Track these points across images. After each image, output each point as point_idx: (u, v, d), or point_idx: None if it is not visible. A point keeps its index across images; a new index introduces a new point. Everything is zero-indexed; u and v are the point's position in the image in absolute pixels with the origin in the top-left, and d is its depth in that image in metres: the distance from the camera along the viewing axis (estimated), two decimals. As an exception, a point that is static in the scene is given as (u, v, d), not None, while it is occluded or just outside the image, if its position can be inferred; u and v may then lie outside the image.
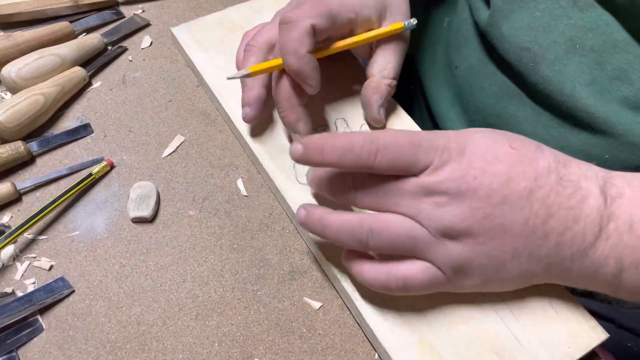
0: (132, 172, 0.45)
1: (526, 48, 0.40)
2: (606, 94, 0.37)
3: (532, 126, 0.42)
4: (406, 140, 0.30)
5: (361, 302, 0.36)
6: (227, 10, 0.55)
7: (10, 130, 0.44)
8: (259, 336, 0.37)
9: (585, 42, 0.37)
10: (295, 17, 0.37)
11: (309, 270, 0.40)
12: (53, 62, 0.48)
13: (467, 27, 0.48)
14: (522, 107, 0.42)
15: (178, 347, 0.36)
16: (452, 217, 0.30)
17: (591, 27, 0.37)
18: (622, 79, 0.36)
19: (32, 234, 0.41)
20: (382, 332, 0.35)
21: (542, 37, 0.39)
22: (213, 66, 0.50)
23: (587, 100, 0.37)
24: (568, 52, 0.38)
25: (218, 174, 0.45)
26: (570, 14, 0.38)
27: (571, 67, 0.38)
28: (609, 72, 0.37)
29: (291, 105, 0.39)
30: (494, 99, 0.45)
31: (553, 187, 0.30)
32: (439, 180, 0.30)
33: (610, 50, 0.36)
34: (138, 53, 0.54)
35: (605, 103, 0.37)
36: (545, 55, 0.39)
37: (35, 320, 0.37)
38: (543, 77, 0.39)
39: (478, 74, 0.46)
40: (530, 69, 0.40)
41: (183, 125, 0.48)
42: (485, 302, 0.36)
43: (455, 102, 0.51)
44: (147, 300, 0.38)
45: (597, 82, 0.37)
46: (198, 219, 0.42)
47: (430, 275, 0.31)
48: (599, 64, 0.37)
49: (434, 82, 0.54)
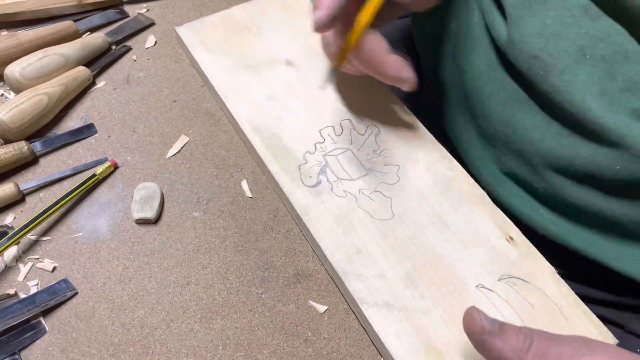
0: (136, 173, 0.45)
1: (536, 56, 0.39)
2: (616, 105, 0.37)
3: (541, 134, 0.41)
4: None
5: (367, 307, 0.36)
6: (232, 10, 0.54)
7: (13, 131, 0.44)
8: (264, 340, 0.37)
9: (596, 51, 0.37)
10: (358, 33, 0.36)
11: (314, 273, 0.40)
12: (57, 62, 0.48)
13: (476, 32, 0.47)
14: (531, 115, 0.42)
15: (182, 351, 0.36)
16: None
17: (602, 36, 0.36)
18: (633, 90, 0.36)
19: (35, 235, 0.41)
20: (389, 338, 0.35)
21: (552, 45, 0.38)
22: (218, 66, 0.49)
23: (597, 112, 0.37)
24: (578, 62, 0.37)
25: (222, 175, 0.45)
26: (581, 23, 0.37)
27: (581, 77, 0.38)
28: (620, 83, 0.36)
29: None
30: (502, 105, 0.44)
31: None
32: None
33: (621, 60, 0.36)
34: (142, 52, 0.54)
35: (615, 114, 0.37)
36: (555, 64, 0.38)
37: (38, 323, 0.37)
38: (553, 86, 0.39)
39: (486, 79, 0.45)
40: (540, 78, 0.39)
41: (187, 125, 0.48)
42: (494, 309, 0.36)
43: (463, 107, 0.50)
44: (150, 303, 0.38)
45: (607, 93, 0.37)
46: (202, 221, 0.42)
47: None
48: (609, 74, 0.37)
49: (441, 86, 0.53)
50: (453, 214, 0.41)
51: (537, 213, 0.45)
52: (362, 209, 0.41)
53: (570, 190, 0.41)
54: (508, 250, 0.39)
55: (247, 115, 0.46)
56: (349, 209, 0.40)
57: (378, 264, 0.38)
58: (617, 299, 0.46)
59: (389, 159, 0.44)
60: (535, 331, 0.30)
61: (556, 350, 0.29)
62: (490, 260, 0.38)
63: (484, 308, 0.35)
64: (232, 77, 0.48)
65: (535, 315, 0.35)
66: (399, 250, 0.38)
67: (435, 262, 0.38)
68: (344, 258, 0.38)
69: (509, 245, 0.39)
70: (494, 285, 0.37)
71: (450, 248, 0.39)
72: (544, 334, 0.30)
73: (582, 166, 0.39)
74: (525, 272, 0.38)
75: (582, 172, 0.40)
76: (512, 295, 0.36)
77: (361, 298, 0.36)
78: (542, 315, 0.35)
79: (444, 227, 0.40)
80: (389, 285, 0.37)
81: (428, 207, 0.41)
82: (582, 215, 0.42)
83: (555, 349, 0.29)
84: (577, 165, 0.39)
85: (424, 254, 0.38)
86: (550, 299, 0.36)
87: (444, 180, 0.42)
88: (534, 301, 0.36)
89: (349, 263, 0.38)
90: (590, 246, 0.42)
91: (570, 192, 0.42)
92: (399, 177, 0.43)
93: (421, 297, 0.36)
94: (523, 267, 0.38)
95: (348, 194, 0.41)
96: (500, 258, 0.38)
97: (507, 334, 0.29)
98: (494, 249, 0.39)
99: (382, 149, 0.44)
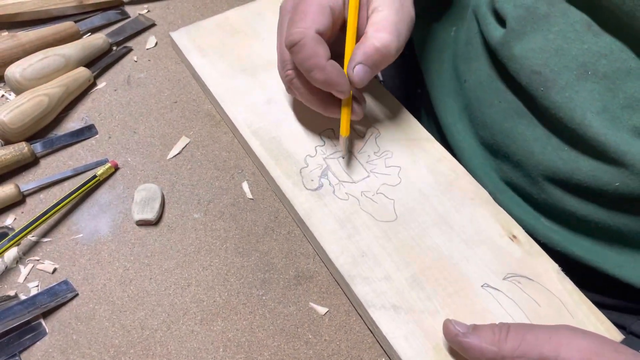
0: (137, 174, 0.45)
1: (537, 72, 0.39)
2: (617, 122, 0.36)
3: (541, 147, 0.41)
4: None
5: (374, 310, 0.36)
6: (227, 14, 0.54)
7: (14, 132, 0.44)
8: (264, 342, 0.37)
9: (598, 68, 0.36)
10: (298, 34, 0.36)
11: (314, 275, 0.40)
12: (57, 63, 0.48)
13: (476, 42, 0.47)
14: (532, 128, 0.42)
15: (182, 352, 0.36)
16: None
17: (604, 52, 0.36)
18: (635, 107, 0.36)
19: (36, 237, 0.41)
20: (397, 340, 0.34)
21: (554, 61, 0.38)
22: (214, 71, 0.49)
23: (598, 129, 0.37)
24: (580, 78, 0.37)
25: (223, 176, 0.45)
26: (584, 39, 0.37)
27: (582, 94, 0.37)
28: (621, 100, 0.36)
29: (330, 105, 0.40)
30: (502, 116, 0.44)
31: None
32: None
33: (623, 77, 0.36)
34: (143, 53, 0.54)
35: (616, 132, 0.36)
36: (556, 80, 0.38)
37: (39, 324, 0.37)
38: (553, 102, 0.38)
39: (487, 89, 0.45)
40: (540, 94, 0.39)
41: (188, 126, 0.48)
42: (500, 308, 0.36)
43: (463, 115, 0.50)
44: (151, 305, 0.38)
45: (608, 110, 0.37)
46: (203, 222, 0.42)
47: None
48: (611, 91, 0.36)
49: (441, 93, 0.53)
50: (456, 213, 0.40)
51: (537, 222, 0.45)
52: (365, 211, 0.40)
53: (570, 202, 0.41)
54: (512, 249, 0.39)
55: (246, 120, 0.46)
56: (352, 211, 0.40)
57: (383, 266, 0.38)
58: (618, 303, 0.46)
59: (390, 161, 0.44)
60: (512, 323, 0.31)
61: (533, 336, 0.30)
62: (495, 259, 0.38)
63: (490, 307, 0.36)
64: (229, 81, 0.48)
65: (541, 313, 0.36)
66: (404, 252, 0.38)
67: (440, 262, 0.38)
68: (349, 261, 0.38)
69: (512, 243, 0.39)
70: (499, 284, 0.37)
71: (455, 248, 0.39)
72: (521, 324, 0.32)
73: (582, 180, 0.39)
74: (530, 270, 0.38)
75: (582, 186, 0.39)
76: (518, 294, 0.36)
77: (368, 301, 0.36)
78: (548, 313, 0.36)
79: (447, 228, 0.40)
80: (395, 288, 0.37)
81: (431, 208, 0.41)
82: (583, 225, 0.42)
83: (532, 334, 0.30)
84: (576, 179, 0.39)
85: (429, 255, 0.38)
86: (556, 296, 0.36)
87: (445, 180, 0.42)
88: (539, 299, 0.36)
89: (354, 266, 0.38)
90: (591, 255, 0.42)
91: (570, 204, 0.41)
92: (401, 178, 0.42)
93: (428, 299, 0.36)
94: (527, 266, 0.38)
95: (350, 196, 0.41)
96: (505, 257, 0.38)
97: (481, 331, 0.32)
98: (498, 248, 0.39)
99: (382, 150, 0.44)
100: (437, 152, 0.44)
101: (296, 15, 0.37)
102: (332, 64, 0.37)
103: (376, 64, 0.38)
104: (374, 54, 0.37)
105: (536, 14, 0.39)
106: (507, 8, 0.41)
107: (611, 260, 0.42)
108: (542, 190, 0.43)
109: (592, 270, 0.42)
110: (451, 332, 0.32)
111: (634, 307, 0.46)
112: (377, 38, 0.37)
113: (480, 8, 0.46)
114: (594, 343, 0.29)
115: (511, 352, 0.30)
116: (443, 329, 0.34)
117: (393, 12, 0.38)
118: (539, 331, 0.30)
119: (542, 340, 0.30)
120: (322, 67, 0.36)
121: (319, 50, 0.36)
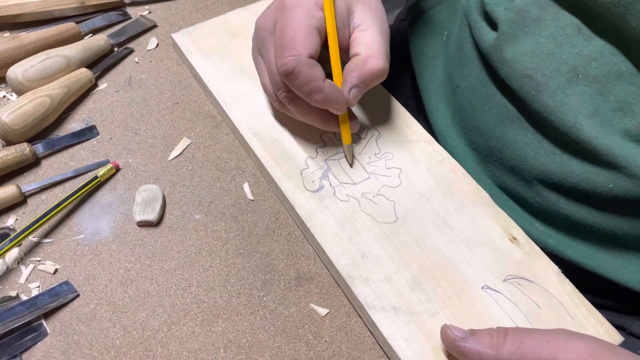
0: (138, 175, 0.45)
1: (528, 75, 0.39)
2: (608, 125, 0.37)
3: (533, 151, 0.41)
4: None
5: (375, 312, 0.36)
6: (228, 15, 0.54)
7: (15, 132, 0.44)
8: (265, 343, 0.37)
9: (589, 71, 0.36)
10: (292, 62, 0.36)
11: (315, 276, 0.40)
12: (59, 64, 0.48)
13: (468, 47, 0.47)
14: (523, 132, 0.42)
15: (183, 353, 0.36)
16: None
17: (595, 56, 0.36)
18: (625, 110, 0.36)
19: (37, 237, 0.41)
20: (397, 342, 0.35)
21: (545, 65, 0.38)
22: (216, 72, 0.49)
23: (589, 132, 0.37)
24: (571, 82, 0.37)
25: (224, 177, 0.45)
26: (575, 42, 0.37)
27: (573, 97, 0.37)
28: (612, 103, 0.36)
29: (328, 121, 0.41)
30: (494, 121, 0.44)
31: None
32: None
33: (614, 80, 0.36)
34: (144, 54, 0.54)
35: (607, 135, 0.37)
36: (547, 83, 0.38)
37: (40, 325, 0.37)
38: (544, 106, 0.38)
39: (479, 95, 0.45)
40: (531, 97, 0.39)
41: (189, 127, 0.48)
42: (500, 310, 0.36)
43: (455, 120, 0.50)
44: (152, 305, 0.38)
45: (599, 114, 0.37)
46: (204, 223, 0.42)
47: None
48: (602, 94, 0.36)
49: (434, 98, 0.53)
50: (456, 215, 0.40)
51: (532, 227, 0.45)
52: (366, 212, 0.40)
53: (565, 205, 0.41)
54: (512, 251, 0.39)
55: (247, 121, 0.46)
56: (353, 213, 0.40)
57: (384, 267, 0.38)
58: (616, 305, 0.46)
59: (391, 162, 0.44)
60: (510, 327, 0.32)
61: (531, 339, 0.30)
62: (495, 261, 0.38)
63: (490, 309, 0.36)
64: (230, 82, 0.48)
65: (541, 315, 0.36)
66: (404, 254, 0.38)
67: (441, 264, 0.38)
68: (350, 263, 0.38)
69: (512, 245, 0.39)
70: (499, 286, 0.37)
71: (455, 250, 0.39)
72: (519, 328, 0.32)
73: (576, 183, 0.39)
74: (530, 272, 0.38)
75: (575, 188, 0.40)
76: (518, 296, 0.37)
77: (368, 303, 0.36)
78: (548, 315, 0.36)
79: (447, 229, 0.40)
80: (395, 289, 0.37)
81: (431, 209, 0.41)
82: (578, 228, 0.42)
83: (530, 338, 0.30)
84: (570, 182, 0.40)
85: (429, 257, 0.38)
86: (556, 297, 0.36)
87: (445, 181, 0.42)
88: (539, 301, 0.36)
89: (354, 268, 0.38)
90: (587, 259, 0.42)
91: (564, 207, 0.42)
92: (401, 179, 0.43)
93: (428, 300, 0.36)
94: (527, 267, 0.38)
95: (351, 198, 0.41)
96: (505, 258, 0.38)
97: (479, 335, 0.32)
98: (498, 249, 0.39)
99: (383, 151, 0.44)
100: (438, 154, 0.44)
101: (284, 41, 0.37)
102: (330, 84, 0.37)
103: (369, 86, 0.39)
104: (369, 77, 0.39)
105: (527, 17, 0.39)
106: (498, 11, 0.42)
107: (607, 264, 0.42)
108: (536, 194, 0.43)
109: (589, 273, 0.43)
110: (449, 337, 0.32)
111: (633, 309, 0.46)
112: (373, 64, 0.38)
113: (471, 12, 0.46)
114: (591, 345, 0.29)
115: (509, 355, 0.30)
116: (441, 335, 0.34)
117: (377, 31, 0.39)
118: (536, 335, 0.30)
119: (539, 343, 0.30)
120: (321, 89, 0.37)
121: (315, 74, 0.36)
